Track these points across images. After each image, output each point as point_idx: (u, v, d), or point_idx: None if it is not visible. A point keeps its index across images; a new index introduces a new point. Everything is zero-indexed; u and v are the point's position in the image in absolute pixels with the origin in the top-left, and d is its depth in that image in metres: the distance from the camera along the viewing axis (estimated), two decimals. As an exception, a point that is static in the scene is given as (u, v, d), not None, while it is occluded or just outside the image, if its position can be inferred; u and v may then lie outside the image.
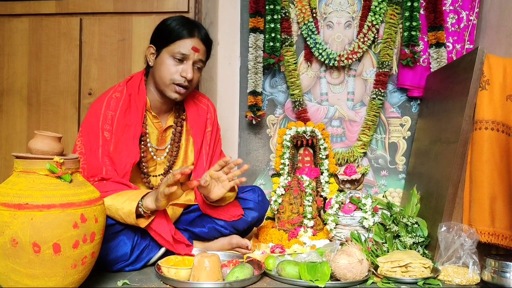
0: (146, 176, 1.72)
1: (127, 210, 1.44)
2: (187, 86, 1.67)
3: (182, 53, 1.64)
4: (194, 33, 1.67)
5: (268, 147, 2.59)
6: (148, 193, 1.49)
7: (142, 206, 1.46)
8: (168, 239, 1.51)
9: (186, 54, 1.65)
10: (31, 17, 2.23)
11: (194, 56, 1.66)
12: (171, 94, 1.67)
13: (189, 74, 1.64)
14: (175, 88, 1.66)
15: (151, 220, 1.49)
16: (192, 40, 1.66)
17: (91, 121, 1.62)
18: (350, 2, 2.52)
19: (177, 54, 1.64)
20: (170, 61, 1.65)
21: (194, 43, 1.66)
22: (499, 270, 1.43)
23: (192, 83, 1.70)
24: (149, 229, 1.51)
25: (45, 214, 1.09)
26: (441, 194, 1.73)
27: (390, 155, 2.51)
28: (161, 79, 1.67)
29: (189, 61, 1.66)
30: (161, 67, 1.66)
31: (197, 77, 1.72)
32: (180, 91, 1.67)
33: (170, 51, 1.65)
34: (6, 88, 2.26)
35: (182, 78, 1.65)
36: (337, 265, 1.41)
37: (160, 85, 1.68)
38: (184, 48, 1.65)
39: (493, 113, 1.65)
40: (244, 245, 1.73)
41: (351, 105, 2.54)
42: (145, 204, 1.46)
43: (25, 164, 1.15)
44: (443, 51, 2.35)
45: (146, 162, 1.72)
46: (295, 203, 2.11)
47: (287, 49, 2.48)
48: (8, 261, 1.09)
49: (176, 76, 1.65)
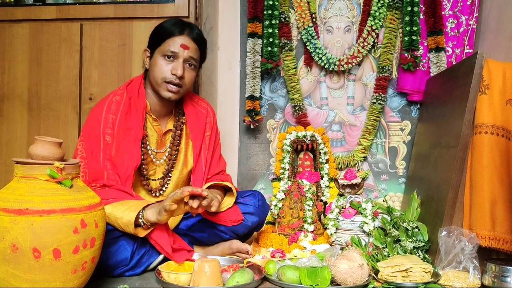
0: (145, 179, 1.72)
1: (126, 220, 1.44)
2: (179, 84, 1.67)
3: (172, 50, 1.65)
4: (184, 31, 1.68)
5: (268, 152, 2.59)
6: (150, 205, 1.49)
7: (142, 218, 1.46)
8: (167, 250, 1.50)
9: (176, 52, 1.66)
10: (32, 22, 2.24)
11: (184, 54, 1.67)
12: (164, 93, 1.68)
13: (179, 71, 1.65)
14: (167, 86, 1.66)
15: (151, 231, 1.49)
16: (181, 38, 1.67)
17: (92, 125, 1.63)
18: (349, 7, 2.53)
19: (167, 52, 1.66)
20: (161, 60, 1.67)
21: (184, 41, 1.67)
22: (499, 274, 1.43)
23: (185, 82, 1.69)
24: (149, 238, 1.51)
25: (45, 219, 1.09)
26: (441, 199, 1.73)
27: (390, 160, 2.51)
28: (154, 79, 1.68)
29: (179, 58, 1.67)
30: (154, 68, 1.68)
31: (190, 76, 1.72)
32: (172, 89, 1.67)
33: (161, 50, 1.67)
34: (6, 93, 2.26)
35: (173, 75, 1.65)
36: (338, 269, 1.41)
37: (154, 85, 1.69)
38: (174, 46, 1.66)
39: (493, 117, 1.65)
40: (244, 249, 1.73)
41: (351, 110, 2.55)
42: (146, 216, 1.46)
43: (25, 169, 1.15)
44: (443, 55, 2.36)
45: (146, 165, 1.72)
46: (296, 208, 2.10)
47: (287, 54, 2.49)
48: (8, 266, 1.08)
49: (167, 74, 1.66)
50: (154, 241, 1.51)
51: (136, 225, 1.46)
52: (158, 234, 1.50)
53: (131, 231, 1.46)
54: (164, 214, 1.43)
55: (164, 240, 1.50)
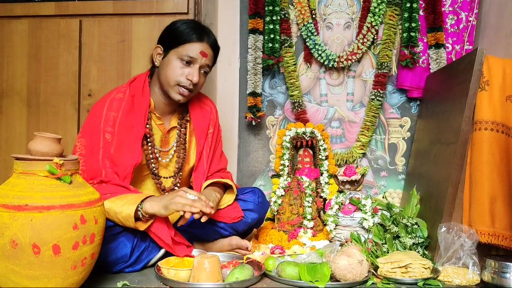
0: (157, 178, 1.72)
1: (126, 214, 1.44)
2: (192, 89, 1.67)
3: (190, 56, 1.64)
4: (203, 37, 1.67)
5: (267, 148, 2.59)
6: (148, 197, 1.50)
7: (141, 210, 1.46)
8: (168, 242, 1.51)
9: (194, 58, 1.65)
10: (31, 18, 2.23)
11: (201, 61, 1.66)
12: (175, 95, 1.67)
13: (195, 78, 1.65)
14: (179, 89, 1.66)
15: (151, 223, 1.49)
16: (201, 45, 1.66)
17: (92, 122, 1.62)
18: (349, 3, 2.53)
19: (185, 57, 1.64)
20: (177, 63, 1.65)
21: (203, 48, 1.66)
22: (499, 270, 1.43)
23: (197, 87, 1.70)
24: (149, 231, 1.51)
25: (45, 215, 1.09)
26: (441, 195, 1.73)
27: (390, 156, 2.51)
28: (166, 80, 1.67)
29: (196, 64, 1.66)
30: (167, 68, 1.66)
31: (202, 82, 1.73)
32: (184, 93, 1.66)
33: (178, 53, 1.65)
34: (5, 89, 2.25)
35: (188, 81, 1.65)
36: (337, 266, 1.41)
37: (165, 86, 1.68)
38: (193, 52, 1.65)
39: (493, 113, 1.65)
40: (244, 246, 1.73)
41: (351, 106, 2.54)
42: (145, 208, 1.46)
43: (24, 165, 1.15)
44: (443, 52, 2.36)
45: (156, 164, 1.72)
46: (295, 204, 2.10)
47: (287, 50, 2.48)
48: (7, 262, 1.08)
49: (182, 78, 1.65)
50: (154, 234, 1.51)
51: (135, 218, 1.46)
52: (157, 227, 1.50)
53: (131, 225, 1.46)
54: (170, 210, 1.45)
55: (164, 232, 1.51)
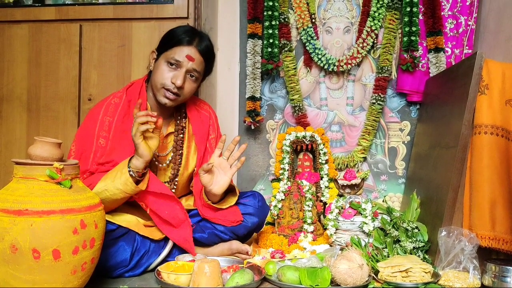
0: None
1: (123, 180, 1.48)
2: (177, 93, 1.66)
3: (176, 59, 1.65)
4: (193, 42, 1.68)
5: (267, 152, 2.59)
6: (131, 157, 1.54)
7: (131, 169, 1.51)
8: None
9: (180, 61, 1.65)
10: (31, 23, 2.24)
11: (187, 65, 1.66)
12: (161, 98, 1.67)
13: (178, 81, 1.64)
14: (164, 93, 1.66)
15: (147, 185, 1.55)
16: (188, 48, 1.66)
17: (87, 127, 1.64)
18: (349, 8, 2.53)
19: (171, 60, 1.65)
20: (164, 66, 1.66)
21: (190, 52, 1.66)
22: (499, 274, 1.43)
23: (184, 92, 1.69)
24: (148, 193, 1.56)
25: (45, 220, 1.09)
26: (441, 199, 1.72)
27: (390, 160, 2.51)
28: (154, 83, 1.68)
29: (182, 68, 1.66)
30: (156, 71, 1.67)
31: (191, 87, 1.71)
32: (170, 96, 1.66)
33: (166, 56, 1.66)
34: (5, 94, 2.26)
35: (172, 84, 1.65)
36: (338, 270, 1.41)
37: (153, 89, 1.69)
38: (179, 55, 1.65)
39: (493, 117, 1.65)
40: (244, 250, 1.73)
41: (351, 110, 2.55)
42: (133, 164, 1.51)
43: (24, 170, 1.15)
44: (442, 56, 2.36)
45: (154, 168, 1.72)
46: (295, 208, 2.10)
47: (287, 55, 2.49)
48: (7, 267, 1.08)
49: (167, 81, 1.65)
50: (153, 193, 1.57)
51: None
52: (154, 184, 1.57)
53: (132, 188, 1.49)
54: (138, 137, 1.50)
55: (161, 186, 1.59)
